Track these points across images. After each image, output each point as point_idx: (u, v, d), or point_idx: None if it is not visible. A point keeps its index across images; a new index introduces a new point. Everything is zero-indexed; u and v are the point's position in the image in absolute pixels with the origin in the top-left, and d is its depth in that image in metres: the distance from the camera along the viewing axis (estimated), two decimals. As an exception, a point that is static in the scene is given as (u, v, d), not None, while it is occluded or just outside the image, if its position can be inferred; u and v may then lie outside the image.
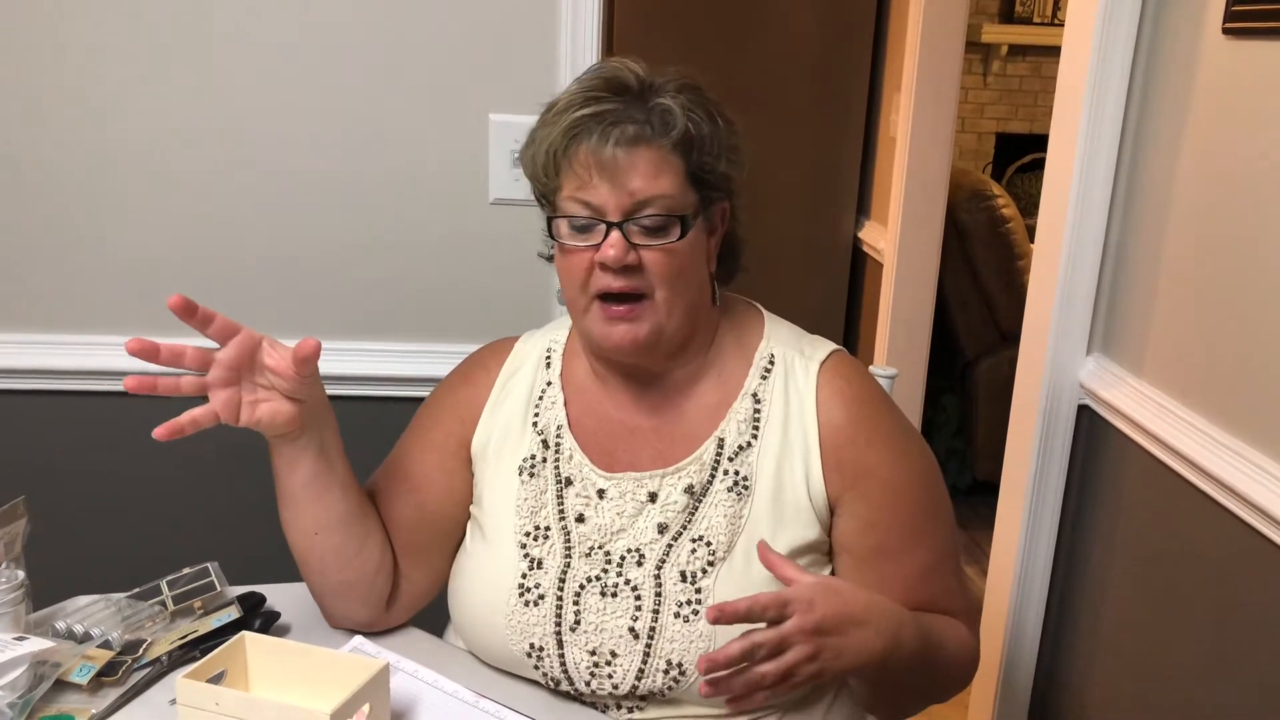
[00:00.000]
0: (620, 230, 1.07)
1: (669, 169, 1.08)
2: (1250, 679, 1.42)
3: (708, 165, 1.11)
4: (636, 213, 1.07)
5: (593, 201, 1.08)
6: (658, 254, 1.08)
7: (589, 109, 1.08)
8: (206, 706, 1.01)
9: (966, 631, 1.19)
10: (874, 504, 1.14)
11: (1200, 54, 1.53)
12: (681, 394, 1.19)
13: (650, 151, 1.07)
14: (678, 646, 1.09)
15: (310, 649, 1.08)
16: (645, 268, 1.08)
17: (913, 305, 3.17)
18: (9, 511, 1.20)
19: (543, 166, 1.11)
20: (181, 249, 1.65)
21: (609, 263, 1.07)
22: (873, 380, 1.22)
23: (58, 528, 1.64)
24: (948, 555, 1.20)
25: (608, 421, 1.20)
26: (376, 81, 1.61)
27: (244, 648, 1.08)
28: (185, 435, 1.05)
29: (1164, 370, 1.62)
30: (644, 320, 1.10)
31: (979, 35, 5.16)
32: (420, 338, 1.72)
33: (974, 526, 3.49)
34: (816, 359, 1.18)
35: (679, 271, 1.10)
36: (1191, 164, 1.56)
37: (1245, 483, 1.39)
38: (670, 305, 1.10)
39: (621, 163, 1.07)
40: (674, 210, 1.08)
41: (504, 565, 1.17)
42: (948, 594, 1.19)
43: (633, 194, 1.07)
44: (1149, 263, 1.66)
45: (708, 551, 1.12)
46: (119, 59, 1.57)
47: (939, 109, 3.01)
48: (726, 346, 1.20)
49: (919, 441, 1.21)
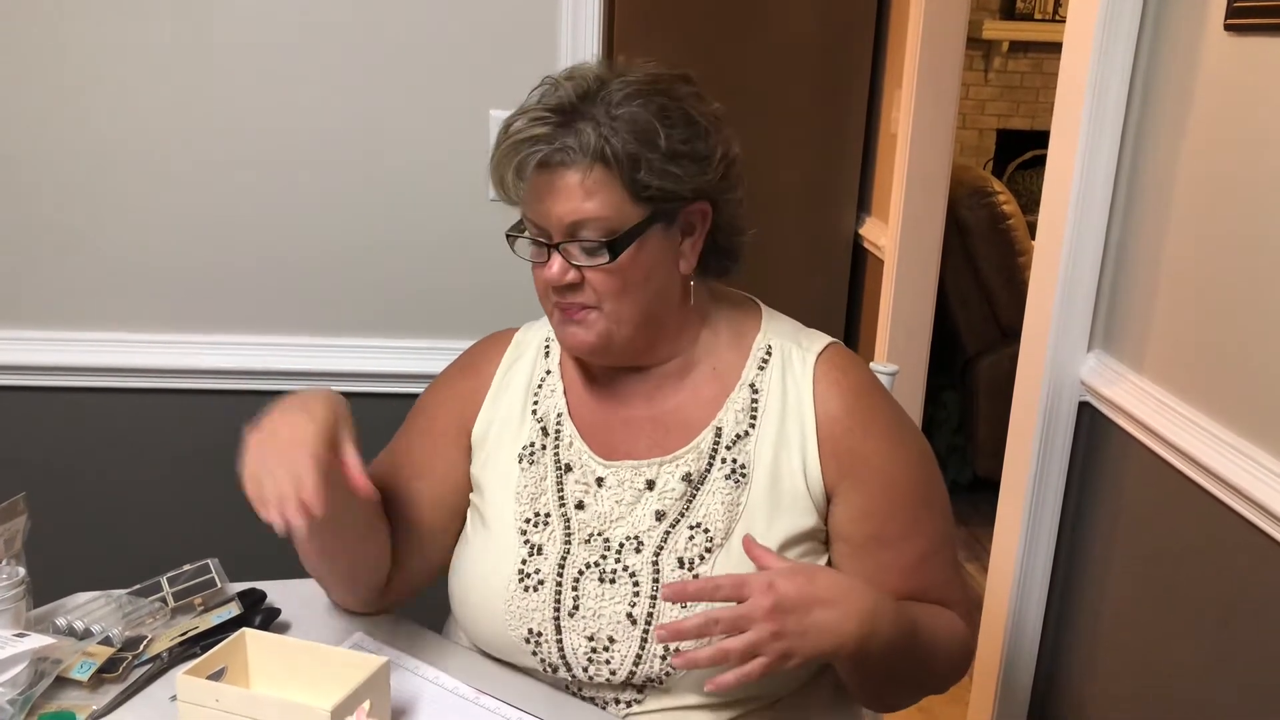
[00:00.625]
0: (560, 251, 1.09)
1: (601, 189, 1.07)
2: (1251, 676, 1.42)
3: (643, 181, 1.07)
4: (573, 234, 1.09)
5: (537, 222, 1.11)
6: (597, 273, 1.10)
7: (525, 133, 1.08)
8: (207, 703, 1.01)
9: (960, 622, 1.19)
10: (870, 492, 1.15)
11: (1202, 50, 1.53)
12: (673, 386, 1.20)
13: (576, 174, 1.07)
14: None
15: (311, 646, 1.08)
16: (588, 284, 1.11)
17: (913, 302, 3.17)
18: (9, 508, 1.20)
19: (499, 183, 1.13)
20: (181, 246, 1.65)
21: (551, 281, 1.11)
22: (869, 372, 1.24)
23: (58, 524, 1.64)
24: (943, 544, 1.21)
25: (604, 411, 1.22)
26: (376, 79, 1.61)
27: (245, 644, 1.08)
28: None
29: (1165, 367, 1.62)
30: (592, 327, 1.13)
31: (980, 31, 5.15)
32: (420, 334, 1.72)
33: (974, 523, 3.49)
34: (814, 350, 1.19)
35: (622, 288, 1.11)
36: (1193, 161, 1.56)
37: (1246, 479, 1.39)
38: (618, 315, 1.12)
39: (551, 187, 1.08)
40: (613, 228, 1.08)
41: (504, 551, 1.18)
42: (943, 583, 1.19)
43: (560, 218, 1.08)
44: (1150, 259, 1.65)
45: (705, 538, 1.13)
46: (119, 57, 1.57)
47: (940, 105, 3.00)
48: (721, 339, 1.21)
49: (915, 432, 1.22)
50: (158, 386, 1.69)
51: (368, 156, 1.64)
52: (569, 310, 1.13)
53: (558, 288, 1.11)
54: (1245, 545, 1.42)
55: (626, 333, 1.13)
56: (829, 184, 3.45)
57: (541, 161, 1.07)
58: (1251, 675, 1.42)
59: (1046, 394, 1.82)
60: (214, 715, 1.01)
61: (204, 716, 1.01)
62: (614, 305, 1.11)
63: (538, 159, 1.07)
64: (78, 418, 1.70)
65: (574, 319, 1.13)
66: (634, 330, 1.14)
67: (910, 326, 3.19)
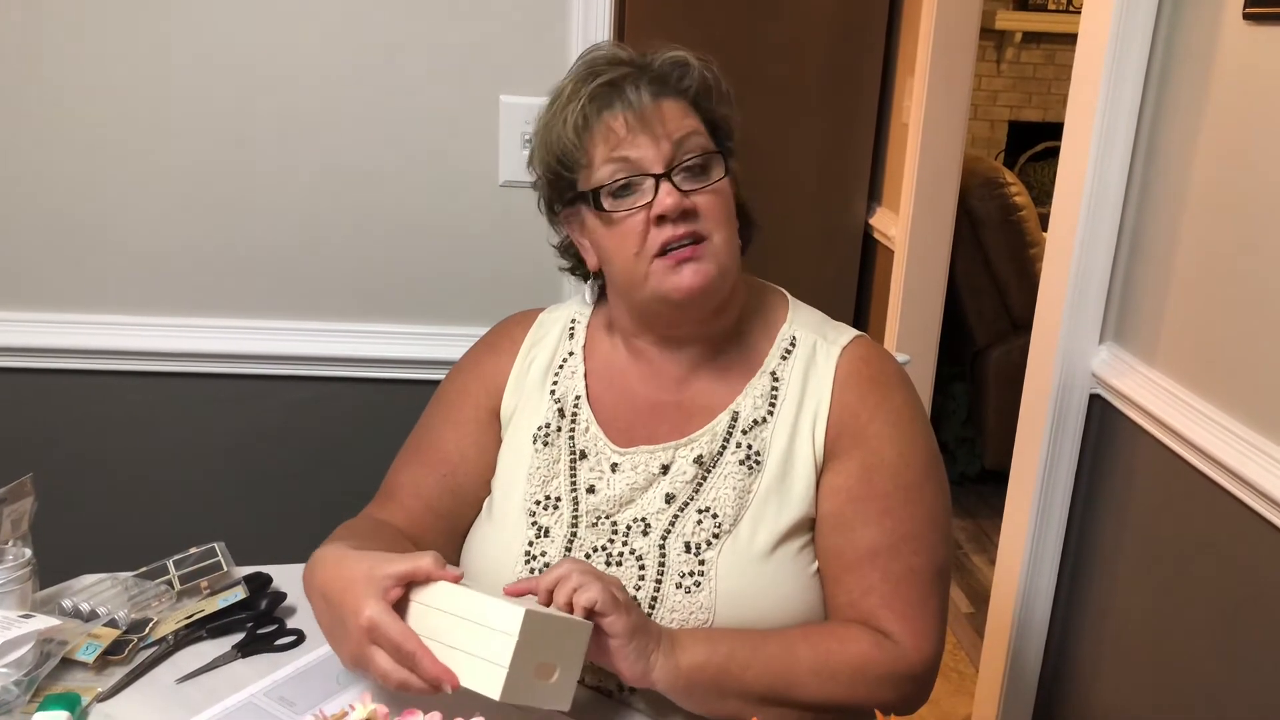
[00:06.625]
0: (669, 180, 1.08)
1: (693, 115, 1.13)
2: (1261, 669, 1.41)
3: (721, 112, 1.15)
4: (678, 159, 1.09)
5: (632, 156, 1.09)
6: (707, 196, 1.10)
7: (604, 78, 1.11)
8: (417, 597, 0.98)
9: (870, 648, 1.08)
10: (849, 471, 1.13)
11: (1220, 40, 1.52)
12: (707, 364, 1.19)
13: (673, 101, 1.12)
14: (678, 617, 1.10)
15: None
16: (699, 212, 1.09)
17: (924, 293, 3.16)
18: (16, 489, 1.20)
19: (571, 141, 1.11)
20: (189, 231, 1.65)
21: (668, 212, 1.07)
22: (894, 363, 1.21)
23: (65, 506, 1.65)
24: (907, 550, 1.11)
25: (631, 396, 1.21)
26: (386, 63, 1.60)
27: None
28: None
29: (1177, 359, 1.61)
30: (709, 259, 1.10)
31: (993, 22, 5.13)
32: (430, 320, 1.71)
33: (983, 515, 3.49)
34: (839, 344, 1.18)
35: (728, 213, 1.12)
36: (1209, 153, 1.54)
37: (1257, 472, 1.38)
38: (728, 246, 1.12)
39: (652, 113, 1.09)
40: (709, 149, 1.12)
41: (512, 532, 1.18)
42: (889, 594, 1.10)
43: (670, 136, 1.09)
44: (1163, 252, 1.64)
45: (714, 524, 1.12)
46: (125, 40, 1.56)
47: (952, 96, 2.99)
48: (752, 324, 1.21)
49: (925, 430, 1.18)
50: (167, 370, 1.69)
51: (377, 139, 1.63)
52: (680, 252, 1.09)
53: (674, 219, 1.08)
54: (1255, 538, 1.41)
55: (733, 268, 1.13)
56: (840, 173, 3.43)
57: (654, 91, 1.10)
58: (1261, 668, 1.41)
59: (1057, 386, 1.81)
60: (417, 609, 0.98)
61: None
62: (723, 234, 1.11)
63: (645, 88, 1.10)
64: (86, 400, 1.70)
65: (688, 257, 1.09)
66: (732, 267, 1.13)
67: (920, 317, 3.18)
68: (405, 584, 0.98)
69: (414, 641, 0.94)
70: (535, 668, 0.93)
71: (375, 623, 0.94)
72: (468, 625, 0.94)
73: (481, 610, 0.94)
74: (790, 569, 1.12)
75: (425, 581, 0.98)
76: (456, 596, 0.96)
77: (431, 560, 0.97)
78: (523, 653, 0.91)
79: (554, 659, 0.95)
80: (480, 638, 0.93)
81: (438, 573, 0.97)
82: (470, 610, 0.94)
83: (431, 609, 0.97)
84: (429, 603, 0.97)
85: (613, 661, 1.01)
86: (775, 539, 1.12)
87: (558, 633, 0.96)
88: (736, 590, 1.10)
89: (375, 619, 0.94)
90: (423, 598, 0.98)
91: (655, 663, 1.02)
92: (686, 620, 1.10)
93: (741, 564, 1.11)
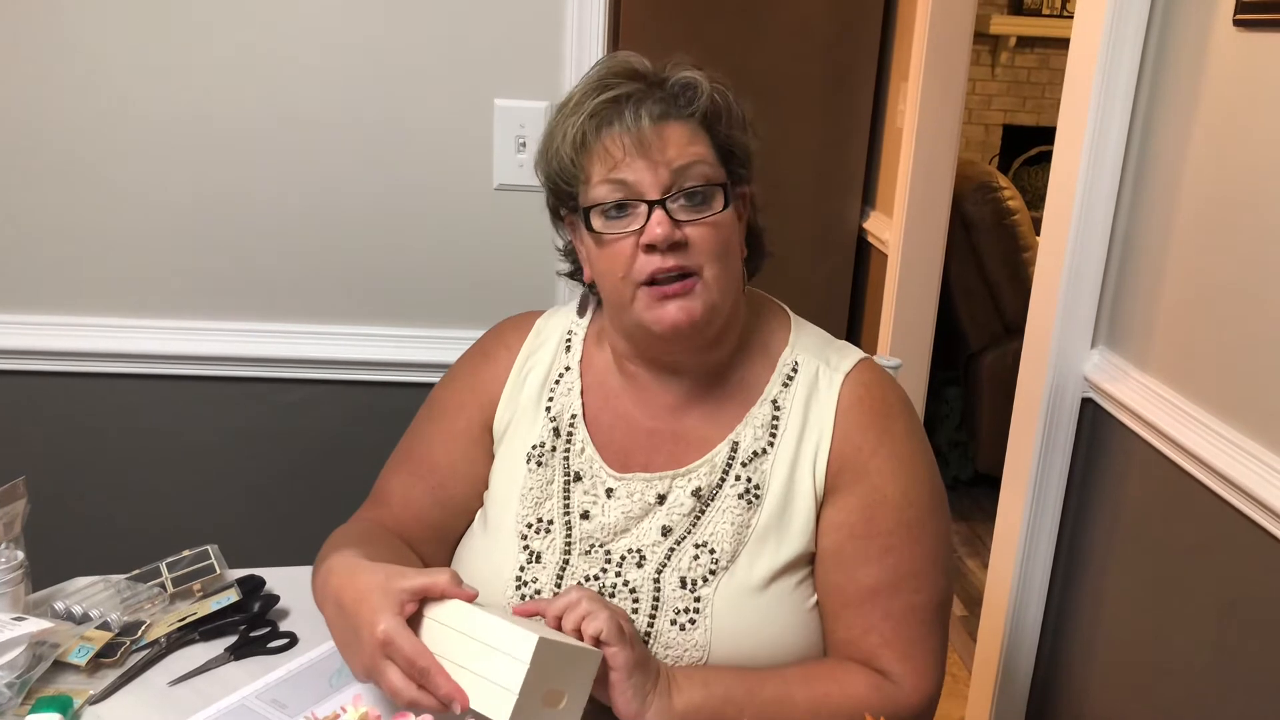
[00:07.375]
0: (663, 208, 1.04)
1: (699, 141, 1.07)
2: (1251, 673, 1.41)
3: (734, 138, 1.10)
4: (676, 187, 1.05)
5: (628, 179, 1.05)
6: (702, 229, 1.05)
7: (610, 93, 1.07)
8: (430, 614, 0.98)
9: (869, 691, 1.07)
10: (851, 506, 1.11)
11: (1211, 46, 1.52)
12: (703, 393, 1.16)
13: (679, 125, 1.07)
14: (673, 654, 1.08)
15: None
16: (691, 245, 1.05)
17: (917, 297, 3.16)
18: (9, 491, 1.20)
19: (569, 156, 1.08)
20: (184, 235, 1.65)
21: (657, 242, 1.03)
22: (898, 390, 1.18)
23: (58, 509, 1.65)
24: (908, 588, 1.10)
25: (627, 420, 1.17)
26: (381, 66, 1.60)
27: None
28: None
29: (1169, 364, 1.61)
30: (696, 297, 1.06)
31: (987, 26, 5.15)
32: (425, 323, 1.71)
33: (975, 519, 3.49)
34: (842, 370, 1.15)
35: (725, 247, 1.07)
36: (1200, 157, 1.55)
37: (1249, 478, 1.39)
38: (720, 283, 1.07)
39: (653, 138, 1.05)
40: (712, 179, 1.07)
41: (503, 555, 1.16)
42: (890, 634, 1.09)
43: (669, 164, 1.04)
44: (1155, 256, 1.65)
45: (711, 559, 1.10)
46: (123, 43, 1.56)
47: (946, 100, 3.00)
48: (752, 349, 1.17)
49: (929, 464, 1.15)
50: (160, 372, 1.69)
51: (371, 142, 1.63)
52: (667, 287, 1.05)
53: (663, 250, 1.04)
54: (1247, 543, 1.41)
55: (726, 304, 1.09)
56: (834, 177, 3.44)
57: (658, 113, 1.05)
58: (1251, 672, 1.41)
59: (1050, 390, 1.82)
60: (430, 625, 0.98)
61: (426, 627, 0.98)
62: (715, 269, 1.06)
63: (649, 110, 1.05)
64: (79, 403, 1.70)
65: (674, 294, 1.05)
66: (725, 303, 1.09)
67: (913, 321, 3.19)
68: (420, 599, 0.98)
69: (428, 658, 0.94)
70: (544, 694, 0.93)
71: (390, 637, 0.94)
72: (479, 646, 0.94)
73: (494, 633, 0.93)
74: (788, 603, 1.11)
75: (440, 598, 0.98)
76: (470, 616, 0.96)
77: (448, 578, 0.97)
78: (533, 679, 0.91)
79: (563, 686, 0.95)
80: (491, 660, 0.92)
81: (453, 590, 0.97)
82: (483, 632, 0.94)
83: (444, 626, 0.97)
84: (442, 620, 0.97)
85: (609, 695, 0.99)
86: (773, 573, 1.10)
87: (568, 660, 0.95)
88: (733, 627, 1.08)
89: (391, 633, 0.94)
90: (436, 614, 0.98)
91: (650, 703, 1.00)
92: (681, 657, 1.07)
93: (738, 600, 1.08)
